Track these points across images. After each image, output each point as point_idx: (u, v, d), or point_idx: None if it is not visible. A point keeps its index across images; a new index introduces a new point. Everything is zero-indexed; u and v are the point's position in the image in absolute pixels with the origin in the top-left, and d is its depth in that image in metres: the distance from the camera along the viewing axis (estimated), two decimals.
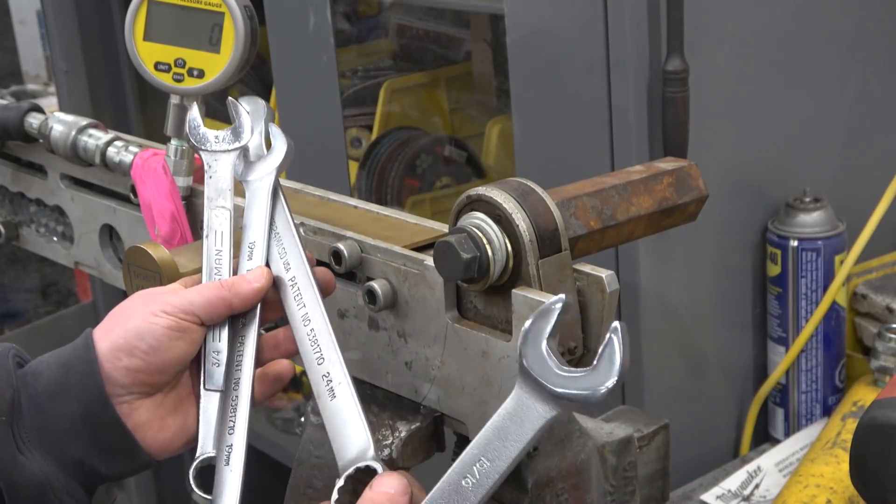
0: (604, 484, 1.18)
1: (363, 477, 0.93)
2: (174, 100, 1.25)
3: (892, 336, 1.53)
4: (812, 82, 1.62)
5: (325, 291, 1.03)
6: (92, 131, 1.33)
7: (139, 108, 2.48)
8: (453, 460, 1.12)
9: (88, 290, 3.05)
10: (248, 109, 1.11)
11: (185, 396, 1.02)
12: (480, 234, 0.99)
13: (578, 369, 0.85)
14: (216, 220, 1.07)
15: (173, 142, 1.26)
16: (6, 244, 1.52)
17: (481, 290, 1.01)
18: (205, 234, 1.07)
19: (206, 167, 1.10)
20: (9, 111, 1.39)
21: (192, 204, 1.26)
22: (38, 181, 1.45)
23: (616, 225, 1.06)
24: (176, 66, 1.22)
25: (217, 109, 2.32)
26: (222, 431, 1.01)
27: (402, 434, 1.07)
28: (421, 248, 1.09)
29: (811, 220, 1.57)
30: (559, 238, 1.00)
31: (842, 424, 1.49)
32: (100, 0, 2.41)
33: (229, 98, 1.14)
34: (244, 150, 1.10)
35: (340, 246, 1.08)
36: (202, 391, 1.02)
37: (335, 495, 0.93)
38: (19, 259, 3.71)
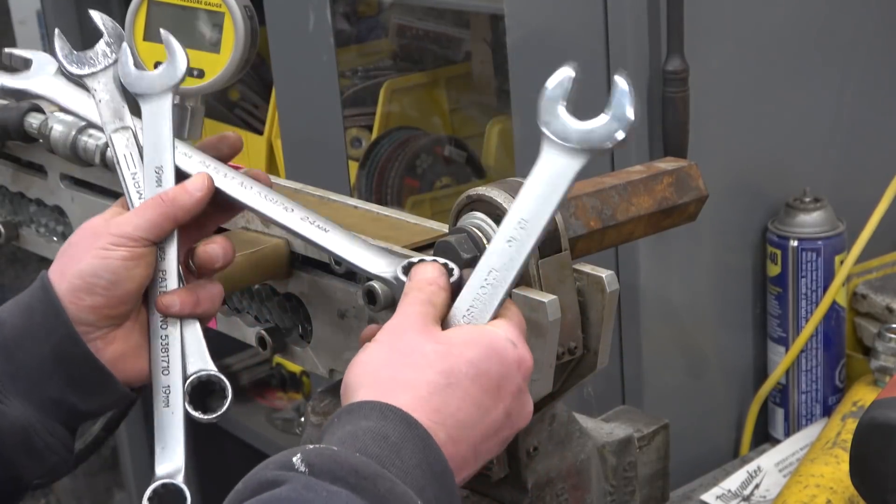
0: (604, 484, 1.18)
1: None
2: (174, 100, 1.24)
3: (892, 336, 1.53)
4: (812, 82, 1.62)
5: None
6: (92, 131, 1.33)
7: (139, 108, 2.47)
8: None
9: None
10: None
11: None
12: (480, 234, 0.99)
13: (593, 120, 0.93)
14: (121, 142, 1.05)
15: None
16: (6, 244, 1.52)
17: None
18: (115, 161, 1.04)
19: (92, 94, 1.07)
20: (9, 111, 1.39)
21: None
22: (38, 181, 1.44)
23: (616, 225, 1.07)
24: None
25: (217, 109, 2.31)
26: (156, 371, 1.00)
27: None
28: (421, 248, 1.09)
29: (811, 220, 1.57)
30: (559, 238, 1.00)
31: (842, 424, 1.49)
32: (100, 0, 2.41)
33: (90, 11, 1.12)
34: (131, 60, 1.07)
35: None
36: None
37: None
38: (19, 259, 3.71)
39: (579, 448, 1.13)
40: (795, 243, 1.57)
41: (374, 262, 0.98)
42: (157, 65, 1.22)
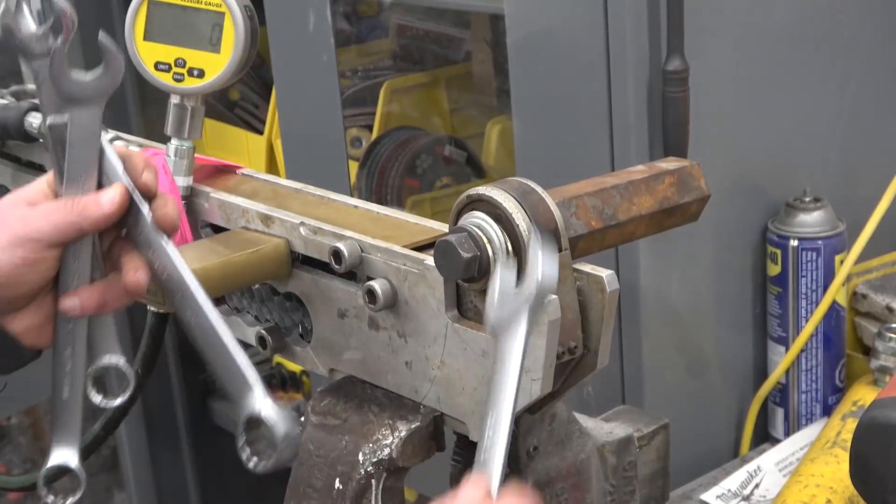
0: (604, 484, 1.18)
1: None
2: (174, 99, 1.25)
3: (892, 336, 1.53)
4: (812, 82, 1.62)
5: (161, 225, 0.99)
6: None
7: (139, 108, 2.48)
8: (454, 460, 1.13)
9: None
10: None
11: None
12: (481, 234, 0.99)
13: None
14: (56, 133, 0.96)
15: (173, 141, 1.26)
16: None
17: (481, 290, 1.01)
18: (48, 147, 0.98)
19: (34, 74, 0.99)
20: (9, 111, 1.39)
21: (192, 204, 1.26)
22: None
23: (617, 225, 1.06)
24: (176, 65, 1.22)
25: (217, 109, 2.32)
26: (58, 360, 0.99)
27: (402, 434, 1.07)
28: (421, 248, 1.09)
29: (811, 220, 1.57)
30: (559, 238, 1.00)
31: (842, 424, 1.49)
32: (100, 0, 2.41)
33: None
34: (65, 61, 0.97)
35: (340, 246, 1.08)
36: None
37: (239, 441, 0.98)
38: None
39: (579, 448, 1.13)
40: (795, 243, 1.57)
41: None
42: (157, 65, 1.22)
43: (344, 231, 1.11)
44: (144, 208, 0.98)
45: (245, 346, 1.09)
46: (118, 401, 1.00)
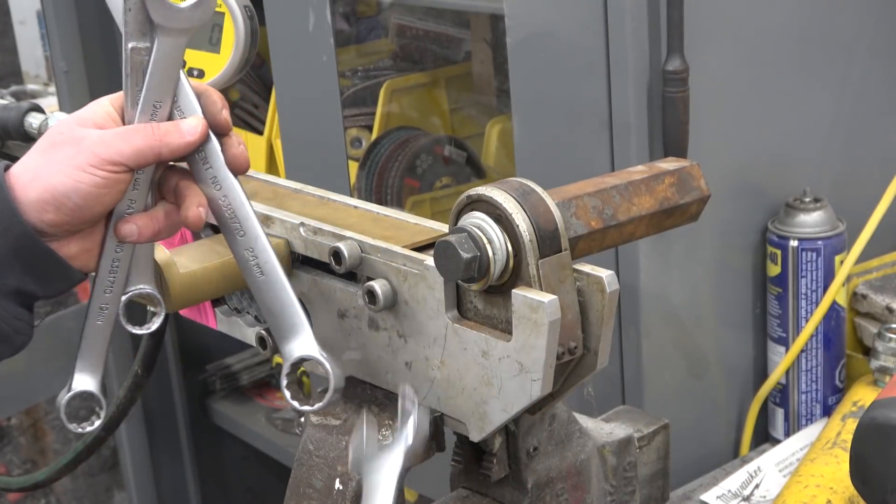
0: (604, 484, 1.18)
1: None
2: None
3: (892, 336, 1.53)
4: (812, 82, 1.62)
5: (234, 164, 1.00)
6: None
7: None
8: (454, 461, 1.13)
9: (89, 290, 3.05)
10: None
11: None
12: (481, 234, 0.99)
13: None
14: (135, 60, 0.98)
15: None
16: None
17: (481, 290, 1.01)
18: (124, 73, 0.99)
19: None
20: (9, 111, 1.39)
21: None
22: None
23: (617, 225, 1.06)
24: None
25: None
26: (99, 287, 1.01)
27: None
28: (421, 248, 1.09)
29: (811, 220, 1.57)
30: (559, 238, 1.00)
31: (842, 424, 1.49)
32: (100, 0, 2.41)
33: None
34: None
35: (340, 246, 1.08)
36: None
37: (284, 381, 1.00)
38: None
39: (579, 448, 1.13)
40: (795, 243, 1.57)
41: (286, 335, 1.00)
42: None
43: (344, 231, 1.11)
44: (217, 145, 0.99)
45: (245, 346, 1.09)
46: (154, 327, 1.03)
